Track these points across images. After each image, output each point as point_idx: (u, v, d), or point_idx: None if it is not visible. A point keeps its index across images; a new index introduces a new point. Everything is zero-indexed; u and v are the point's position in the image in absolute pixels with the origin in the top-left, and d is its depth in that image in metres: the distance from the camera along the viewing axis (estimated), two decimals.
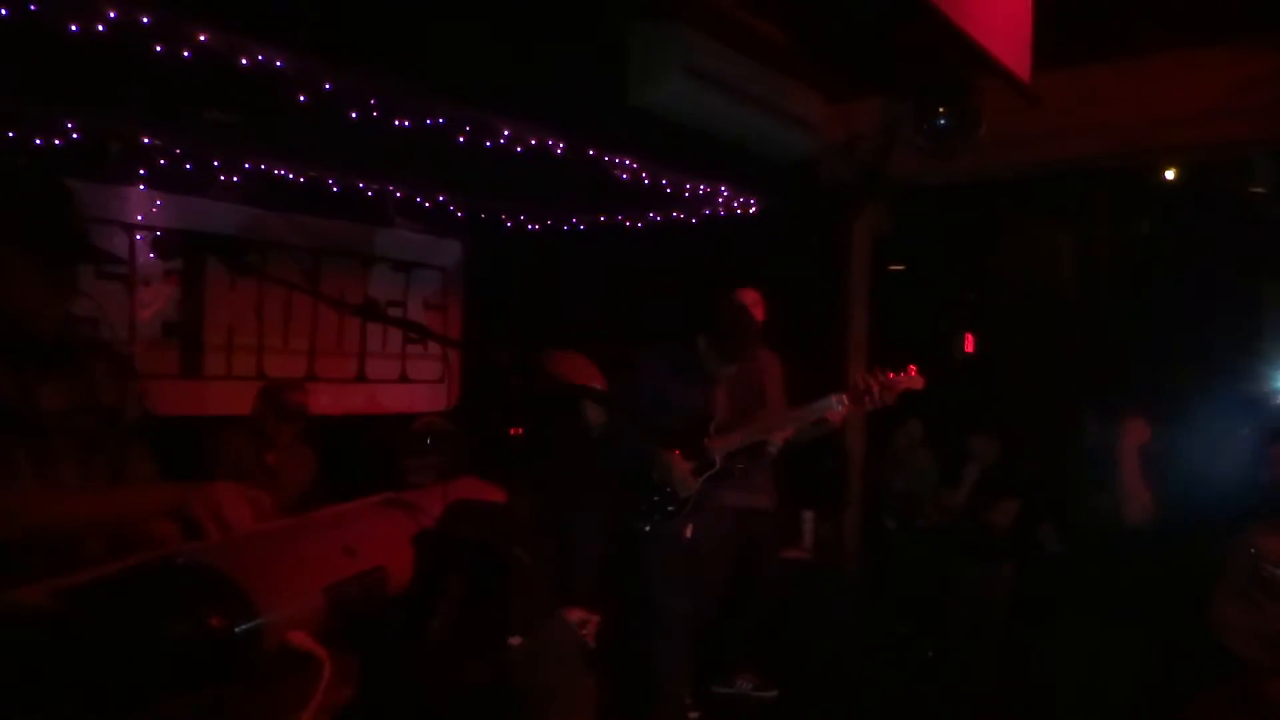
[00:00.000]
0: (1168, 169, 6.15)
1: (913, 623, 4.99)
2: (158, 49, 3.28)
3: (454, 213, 6.25)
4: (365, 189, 5.61)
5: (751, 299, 4.24)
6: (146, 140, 4.57)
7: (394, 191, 5.77)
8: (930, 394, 4.15)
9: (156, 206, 5.15)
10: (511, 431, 2.39)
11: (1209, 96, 4.50)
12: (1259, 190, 6.92)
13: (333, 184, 5.43)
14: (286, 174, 5.17)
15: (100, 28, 3.09)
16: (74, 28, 3.09)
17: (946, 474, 5.55)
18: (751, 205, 5.94)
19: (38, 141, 4.46)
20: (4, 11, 2.94)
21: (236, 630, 1.42)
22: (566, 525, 2.84)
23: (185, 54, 3.31)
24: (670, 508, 3.78)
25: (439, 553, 1.92)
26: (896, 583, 5.31)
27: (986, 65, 3.65)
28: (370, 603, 1.77)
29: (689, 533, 3.82)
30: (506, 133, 4.40)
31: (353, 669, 1.77)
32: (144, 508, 1.79)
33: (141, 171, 4.97)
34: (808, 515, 5.53)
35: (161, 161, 4.85)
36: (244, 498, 1.81)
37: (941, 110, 4.47)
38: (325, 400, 4.77)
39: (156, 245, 4.40)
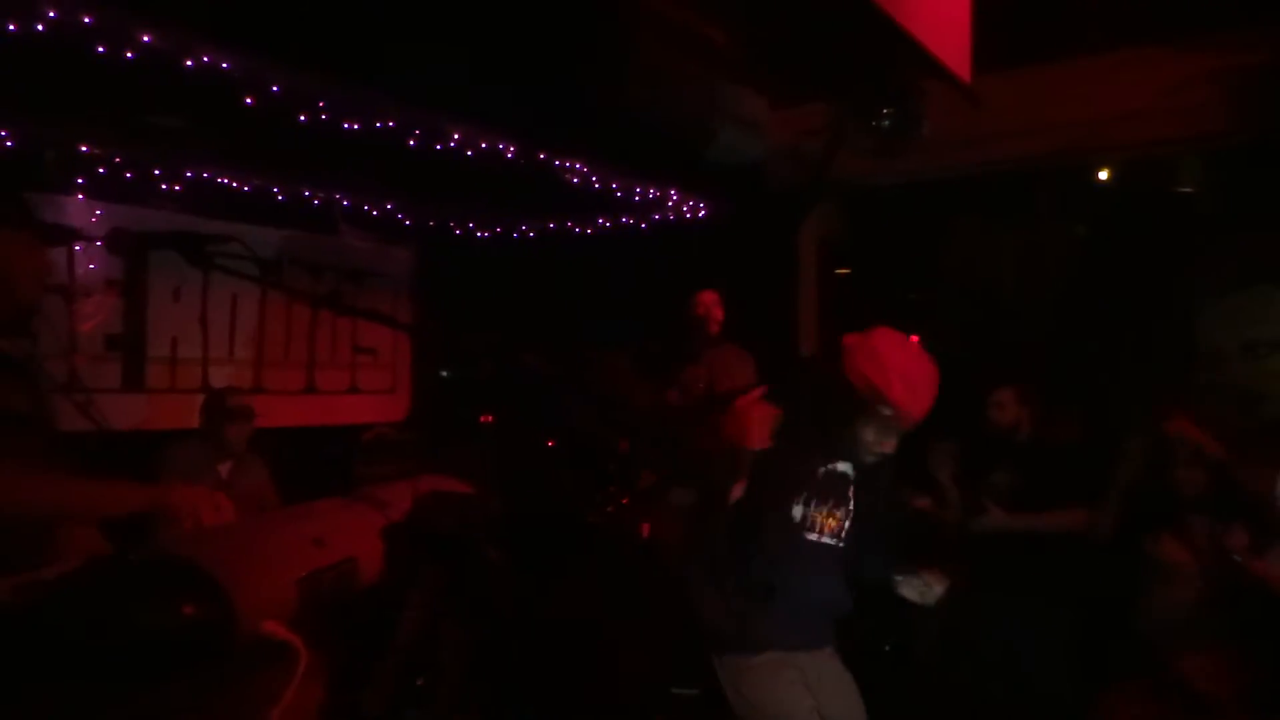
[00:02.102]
0: (1103, 169, 6.31)
1: (870, 617, 5.02)
2: (99, 50, 3.20)
3: (403, 220, 6.20)
4: (312, 197, 5.53)
5: (704, 300, 4.34)
6: (84, 148, 4.45)
7: (341, 199, 5.70)
8: None
9: (96, 216, 5.02)
10: (482, 419, 2.38)
11: (1144, 97, 4.63)
12: (1187, 189, 7.16)
13: (278, 192, 5.35)
14: (231, 182, 5.08)
15: (39, 28, 3.01)
16: (11, 28, 3.00)
17: (904, 477, 5.60)
18: (701, 209, 5.98)
19: None
20: None
21: (209, 619, 1.40)
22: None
23: (128, 55, 3.24)
24: (624, 500, 3.82)
25: (410, 545, 1.91)
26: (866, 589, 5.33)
27: (928, 66, 3.73)
28: (341, 594, 1.75)
29: (646, 532, 3.84)
30: (457, 136, 4.38)
31: (322, 666, 1.75)
32: (124, 503, 1.78)
33: (80, 180, 4.85)
34: None
35: (101, 170, 4.73)
36: (216, 501, 1.81)
37: (885, 112, 4.55)
38: (274, 412, 4.68)
39: (109, 242, 4.29)
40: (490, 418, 2.30)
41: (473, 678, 2.26)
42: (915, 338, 8.10)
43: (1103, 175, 6.34)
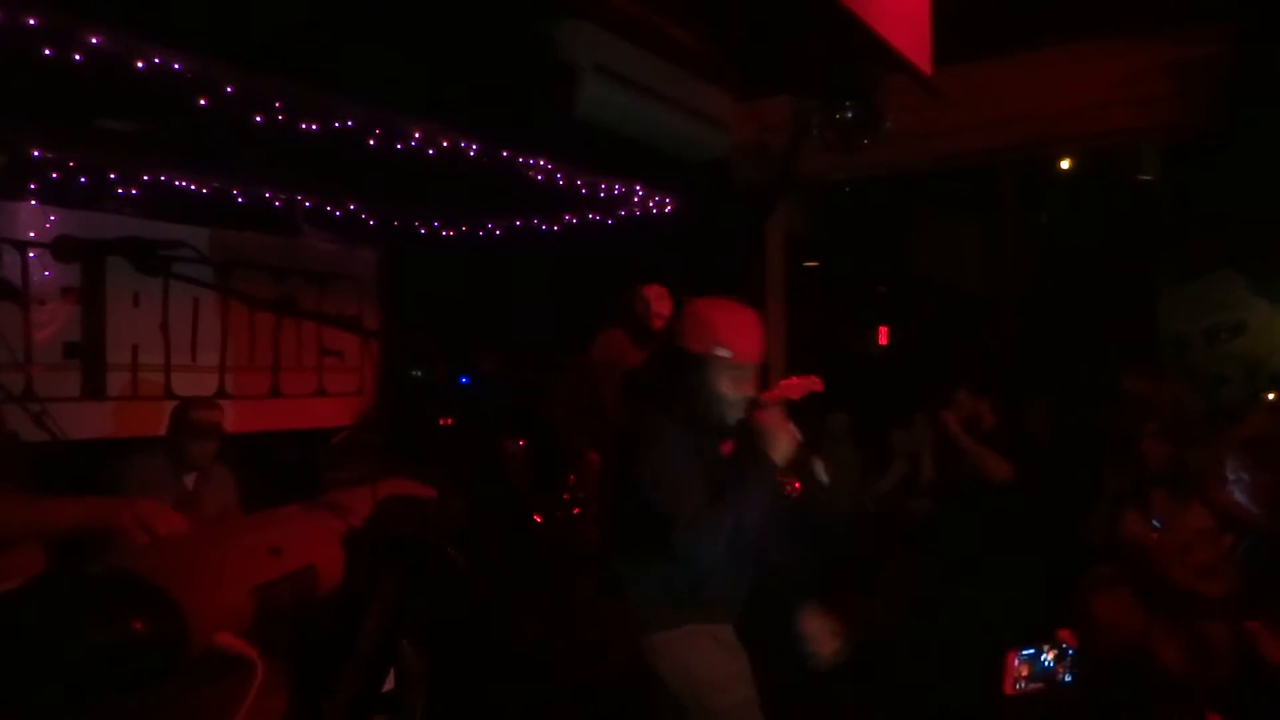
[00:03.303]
0: (1064, 159, 6.39)
1: (839, 613, 5.04)
2: (46, 53, 3.14)
3: (366, 221, 6.14)
4: (272, 199, 5.46)
5: (651, 294, 4.35)
6: (37, 153, 4.37)
7: (302, 200, 5.64)
8: (851, 387, 4.31)
9: (50, 222, 4.93)
10: (442, 421, 2.35)
11: (1101, 88, 4.68)
12: (1147, 178, 7.26)
13: (238, 194, 5.28)
14: (189, 185, 5.00)
15: None
16: None
17: (870, 465, 5.65)
18: (667, 205, 5.97)
19: None
20: None
21: (161, 633, 1.37)
22: None
23: (76, 57, 3.18)
24: (575, 510, 3.82)
25: (371, 551, 1.88)
26: (822, 573, 5.36)
27: (889, 59, 3.74)
28: (300, 603, 1.72)
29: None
30: (418, 135, 4.34)
31: (283, 678, 1.72)
32: (73, 519, 1.74)
33: (33, 186, 4.76)
34: None
35: (54, 175, 4.64)
36: (172, 514, 1.77)
37: (847, 105, 4.56)
38: (239, 418, 4.62)
39: (55, 251, 4.21)
40: (450, 420, 2.29)
41: (434, 684, 2.23)
42: (884, 329, 8.16)
43: (1064, 165, 6.42)
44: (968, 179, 7.20)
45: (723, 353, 2.47)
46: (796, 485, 4.38)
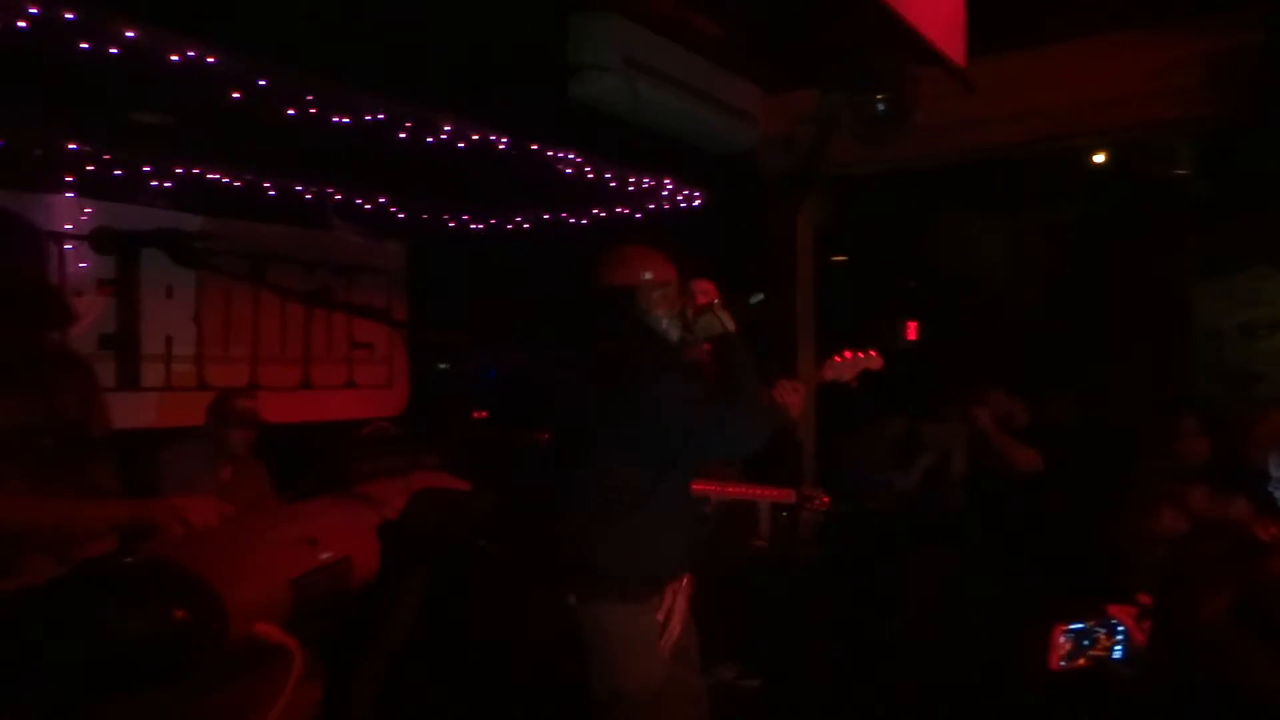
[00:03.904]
0: (1097, 153, 6.31)
1: (870, 606, 5.05)
2: (83, 47, 3.17)
3: (395, 214, 6.17)
4: (303, 192, 5.50)
5: (703, 289, 4.30)
6: (73, 146, 4.42)
7: (333, 194, 5.67)
8: (879, 381, 4.29)
9: (86, 214, 5.00)
10: (475, 415, 2.37)
11: (1135, 80, 4.62)
12: (1182, 173, 7.15)
13: (269, 188, 5.32)
14: (221, 178, 5.05)
15: (21, 24, 2.98)
16: None
17: (898, 459, 5.63)
18: (696, 199, 5.96)
19: None
20: None
21: (202, 622, 1.38)
22: None
23: (112, 51, 3.21)
24: None
25: (404, 542, 1.90)
26: (852, 567, 5.37)
27: (924, 52, 3.71)
28: (335, 593, 1.74)
29: None
30: (448, 129, 4.35)
31: (319, 666, 1.74)
32: (103, 519, 1.75)
33: (68, 178, 4.82)
34: (763, 505, 5.56)
35: (89, 167, 4.70)
36: (210, 507, 1.79)
37: (877, 98, 4.53)
38: (270, 408, 4.66)
39: (91, 243, 4.27)
40: (484, 414, 2.32)
41: (463, 673, 2.25)
42: (912, 324, 8.13)
43: (1098, 159, 6.34)
44: (997, 173, 7.14)
45: (647, 275, 2.69)
46: (825, 499, 4.42)
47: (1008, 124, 5.00)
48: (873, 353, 4.18)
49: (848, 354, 4.11)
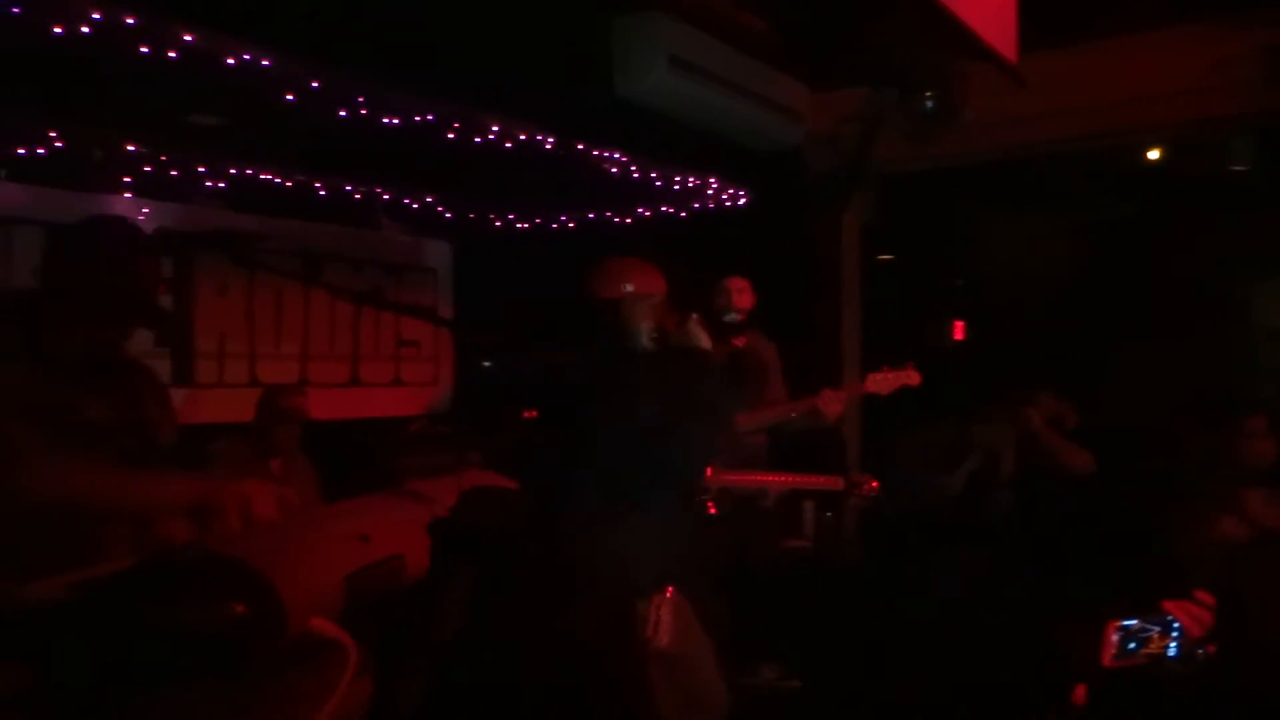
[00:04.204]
0: (1151, 150, 6.19)
1: (915, 608, 5.01)
2: (143, 50, 3.25)
3: (442, 213, 6.23)
4: (353, 192, 5.57)
5: (734, 286, 4.33)
6: (131, 147, 4.52)
7: (381, 193, 5.74)
8: (926, 381, 4.29)
9: (142, 214, 5.11)
10: (525, 415, 2.39)
11: (1190, 75, 4.54)
12: (1239, 169, 6.99)
13: (320, 187, 5.40)
14: (273, 178, 5.13)
15: (84, 29, 3.05)
16: (58, 30, 3.05)
17: (944, 461, 5.58)
18: (741, 197, 5.94)
19: (20, 151, 4.43)
20: None
21: (260, 616, 1.41)
22: None
23: (171, 55, 3.28)
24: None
25: (453, 541, 1.91)
26: (897, 569, 5.34)
27: (974, 49, 3.67)
28: (388, 591, 1.76)
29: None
30: (495, 129, 4.39)
31: (370, 661, 1.76)
32: (175, 495, 1.83)
33: (126, 179, 4.93)
34: (808, 505, 5.53)
35: (146, 168, 4.80)
36: (272, 494, 1.84)
37: (927, 95, 4.49)
38: (319, 405, 4.74)
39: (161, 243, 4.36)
40: (534, 413, 2.36)
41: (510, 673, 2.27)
42: (959, 323, 8.06)
43: (1153, 155, 6.22)
44: (1047, 170, 7.03)
45: (629, 288, 2.78)
46: (874, 484, 4.39)
47: (1058, 120, 4.94)
48: (911, 369, 4.27)
49: (888, 371, 4.24)
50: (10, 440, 1.72)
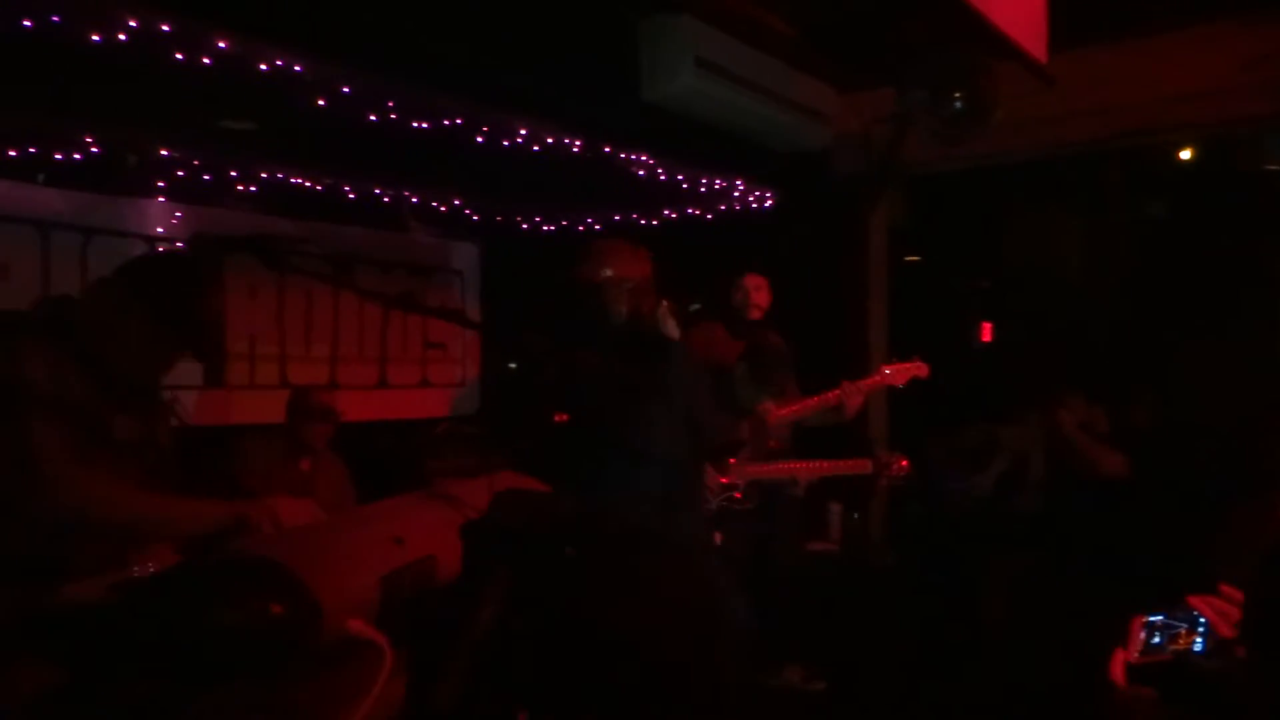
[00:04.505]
0: (1183, 149, 6.13)
1: (941, 610, 4.99)
2: (178, 57, 3.29)
3: (469, 216, 6.26)
4: (381, 194, 5.62)
5: (752, 284, 4.35)
6: (164, 152, 4.58)
7: (409, 196, 5.78)
8: (953, 383, 4.30)
9: (175, 218, 5.17)
10: (557, 418, 2.41)
11: (1222, 73, 4.49)
12: (1273, 168, 6.90)
13: (349, 190, 5.44)
14: (303, 181, 5.18)
15: (121, 37, 3.10)
16: (96, 38, 3.10)
17: (973, 463, 5.54)
18: (767, 199, 5.93)
19: (57, 156, 4.50)
20: (27, 23, 2.95)
21: (296, 617, 1.43)
22: None
23: (205, 61, 3.33)
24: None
25: (486, 543, 1.92)
26: (924, 572, 5.31)
27: (1004, 49, 3.65)
28: (421, 592, 1.78)
29: (719, 539, 3.86)
30: (523, 132, 4.41)
31: (404, 662, 1.78)
32: (209, 517, 1.87)
33: (160, 184, 4.99)
34: (834, 507, 5.52)
35: (179, 173, 4.86)
36: (300, 507, 1.87)
37: (956, 95, 4.46)
38: (348, 406, 4.78)
39: (192, 246, 4.41)
40: (565, 416, 2.38)
41: (541, 674, 2.27)
42: (987, 325, 8.00)
43: (1185, 155, 6.16)
44: (1075, 169, 6.97)
45: (607, 271, 2.86)
46: (903, 462, 4.38)
47: (1089, 120, 4.91)
48: (918, 361, 4.29)
49: (898, 363, 4.28)
50: (48, 448, 1.75)
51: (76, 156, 4.47)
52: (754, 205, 6.01)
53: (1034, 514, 5.05)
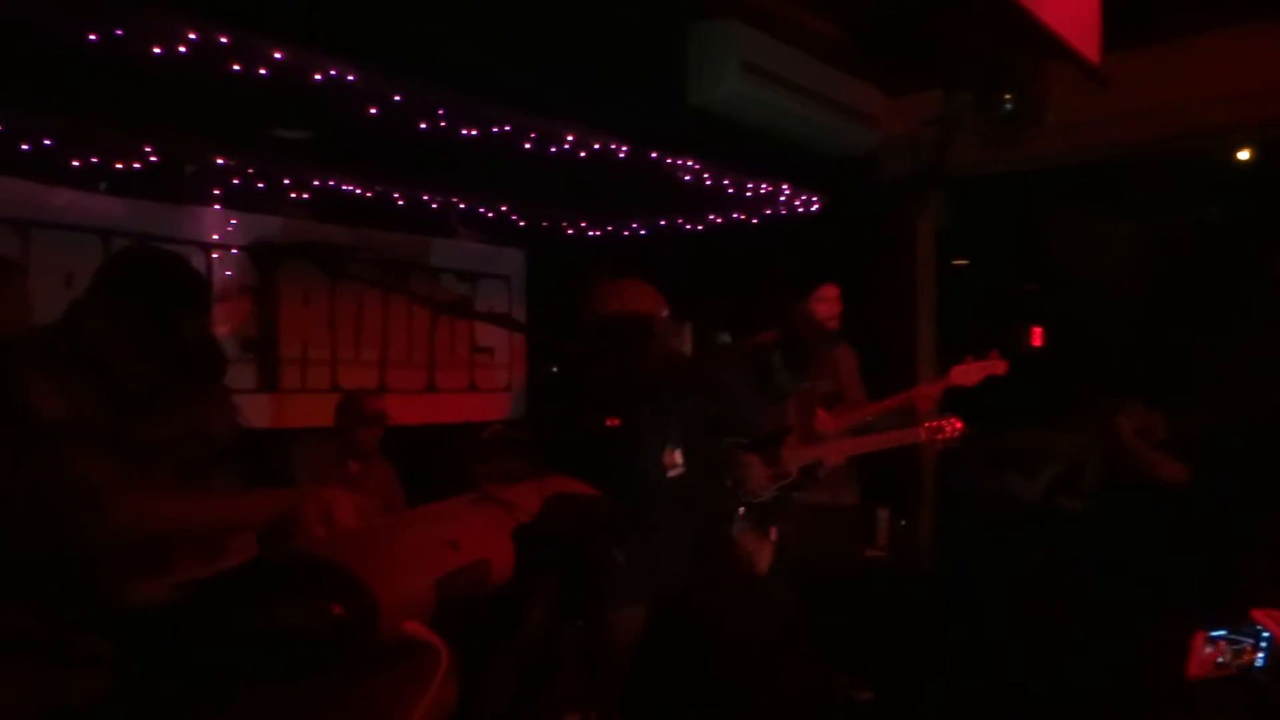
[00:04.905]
0: (1240, 149, 6.00)
1: (991, 618, 4.92)
2: (235, 68, 3.37)
3: (515, 221, 6.32)
4: (430, 201, 5.69)
5: (828, 295, 4.30)
6: (220, 161, 4.68)
7: (457, 203, 5.85)
8: (1004, 389, 4.24)
9: (231, 226, 5.28)
10: (609, 423, 2.41)
11: (1276, 71, 4.40)
12: None
13: (398, 197, 5.52)
14: (354, 189, 5.26)
15: (181, 49, 3.18)
16: (157, 51, 3.18)
17: (1023, 469, 5.48)
18: (814, 203, 5.91)
19: (118, 166, 4.62)
20: (93, 37, 3.04)
21: (356, 618, 1.45)
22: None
23: (261, 72, 3.40)
24: (740, 510, 3.79)
25: (538, 547, 1.94)
26: (972, 578, 5.25)
27: (1056, 49, 3.61)
28: (474, 595, 1.80)
29: (774, 535, 3.83)
30: (570, 138, 4.44)
31: (456, 665, 1.80)
32: (261, 513, 1.87)
33: (216, 191, 5.10)
34: (882, 513, 5.48)
35: (235, 181, 4.96)
36: (351, 501, 1.88)
37: (1006, 97, 4.41)
38: (397, 410, 4.85)
39: (250, 252, 4.53)
40: (618, 421, 2.37)
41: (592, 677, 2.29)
42: (1038, 329, 7.90)
43: (1243, 155, 6.02)
44: (1125, 171, 6.85)
45: (664, 312, 3.02)
46: (957, 424, 4.31)
47: (1145, 120, 4.83)
48: (996, 356, 4.19)
49: (972, 361, 4.15)
50: (95, 481, 1.75)
51: (136, 166, 4.58)
52: (800, 209, 5.99)
53: (1085, 521, 4.97)
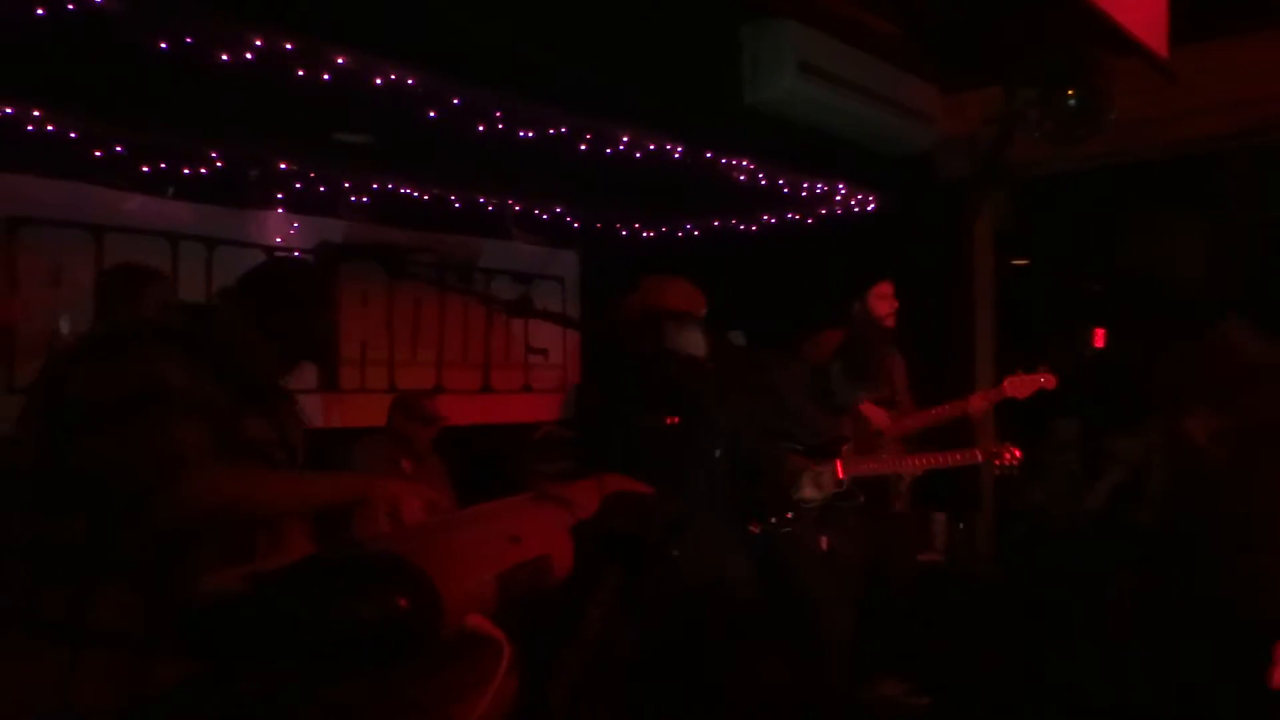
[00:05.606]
0: None
1: (1051, 627, 4.83)
2: (299, 73, 3.43)
3: (570, 223, 6.35)
4: (485, 203, 5.74)
5: (885, 292, 4.26)
6: (284, 165, 4.78)
7: (512, 205, 5.90)
8: (1066, 393, 4.17)
9: (293, 229, 5.39)
10: (669, 420, 2.42)
11: None
12: None
13: (455, 200, 5.58)
14: (411, 192, 5.33)
15: (248, 56, 3.25)
16: (225, 58, 3.26)
17: (1087, 474, 5.36)
18: (870, 203, 5.85)
19: (185, 171, 4.74)
20: (164, 45, 3.12)
21: (421, 612, 1.47)
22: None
23: (324, 77, 3.46)
24: (789, 514, 3.76)
25: (599, 544, 1.95)
26: (1033, 585, 5.15)
27: (1123, 44, 3.54)
28: (536, 590, 1.81)
29: (825, 544, 3.81)
30: (625, 139, 4.45)
31: (518, 659, 1.81)
32: (332, 493, 1.92)
33: (279, 195, 5.21)
34: (939, 518, 5.40)
35: (297, 185, 5.06)
36: (420, 494, 1.91)
37: (1070, 94, 4.33)
38: (452, 410, 4.90)
39: (316, 255, 4.61)
40: (676, 419, 2.39)
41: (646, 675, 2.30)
42: (1100, 331, 7.75)
43: None
44: (1190, 169, 6.67)
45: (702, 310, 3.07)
46: (1016, 452, 4.26)
47: (1212, 116, 4.72)
48: (1046, 370, 4.15)
49: (1022, 374, 4.13)
50: (185, 446, 1.83)
51: (203, 171, 4.70)
52: (855, 209, 5.94)
53: (1150, 528, 4.84)
